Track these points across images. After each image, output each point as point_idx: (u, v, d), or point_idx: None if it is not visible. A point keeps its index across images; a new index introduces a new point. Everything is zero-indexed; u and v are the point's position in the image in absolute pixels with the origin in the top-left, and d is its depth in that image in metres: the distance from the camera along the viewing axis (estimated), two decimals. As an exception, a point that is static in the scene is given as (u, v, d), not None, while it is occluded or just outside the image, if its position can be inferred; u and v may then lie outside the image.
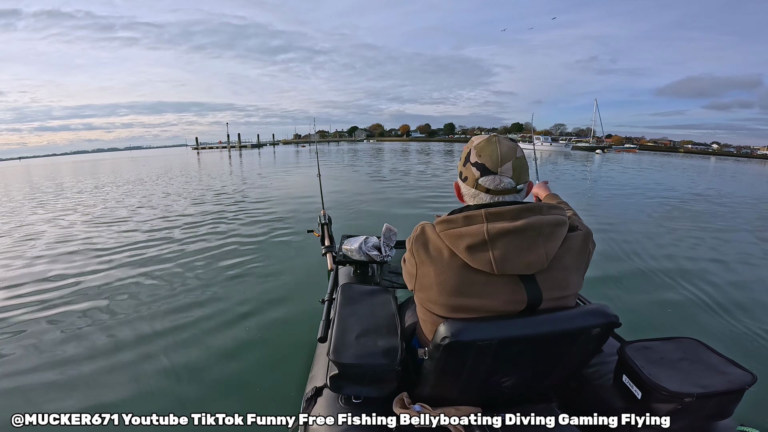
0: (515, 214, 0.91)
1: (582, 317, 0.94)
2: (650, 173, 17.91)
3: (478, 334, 0.89)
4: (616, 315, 0.96)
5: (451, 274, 0.92)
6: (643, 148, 75.01)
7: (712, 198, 9.92)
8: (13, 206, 9.62)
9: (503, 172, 0.95)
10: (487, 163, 0.95)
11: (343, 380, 1.12)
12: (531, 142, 39.04)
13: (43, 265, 4.40)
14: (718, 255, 4.70)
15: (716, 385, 0.99)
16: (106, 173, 21.44)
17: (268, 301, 3.24)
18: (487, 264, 0.88)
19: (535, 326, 0.92)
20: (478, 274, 0.91)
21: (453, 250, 0.92)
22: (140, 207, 8.41)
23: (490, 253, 0.88)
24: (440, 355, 0.93)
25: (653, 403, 1.03)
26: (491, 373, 1.01)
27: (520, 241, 0.88)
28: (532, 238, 0.88)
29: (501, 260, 0.88)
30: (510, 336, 0.91)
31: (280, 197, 9.00)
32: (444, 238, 0.94)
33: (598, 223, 6.18)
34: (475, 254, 0.89)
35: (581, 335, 0.96)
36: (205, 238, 5.41)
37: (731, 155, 70.00)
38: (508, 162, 0.95)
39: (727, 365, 1.06)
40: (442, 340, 0.89)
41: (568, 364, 1.08)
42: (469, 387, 1.06)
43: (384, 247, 1.97)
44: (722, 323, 2.94)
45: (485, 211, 0.92)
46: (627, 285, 3.62)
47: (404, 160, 23.76)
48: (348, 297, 1.42)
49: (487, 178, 0.96)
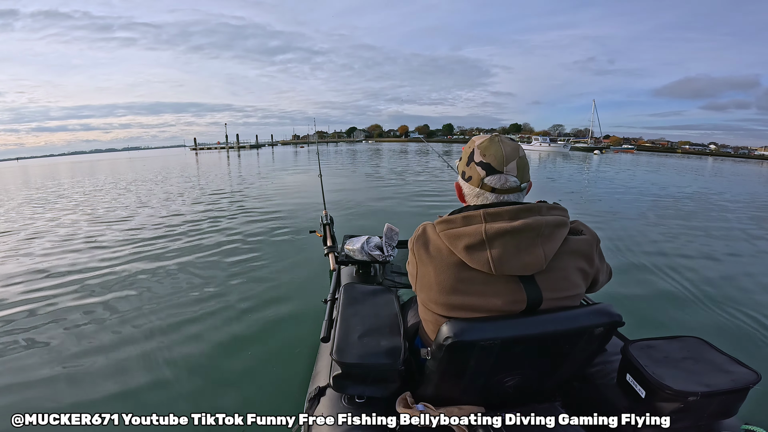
0: (514, 215, 0.91)
1: (585, 317, 0.94)
2: (646, 174, 17.98)
3: (480, 334, 0.89)
4: (620, 314, 0.95)
5: (450, 273, 0.93)
6: (640, 149, 75.28)
7: (713, 197, 9.97)
8: (13, 206, 9.57)
9: (509, 171, 0.95)
10: (492, 162, 0.95)
11: (346, 380, 1.12)
12: (530, 142, 39.05)
13: (43, 264, 4.39)
14: (723, 253, 4.72)
15: (721, 384, 0.99)
16: (105, 174, 21.41)
17: (270, 301, 3.24)
18: (485, 264, 0.88)
19: (537, 326, 0.92)
20: (477, 273, 0.91)
21: (452, 249, 0.92)
22: (140, 207, 8.40)
23: (488, 253, 0.88)
24: (443, 355, 0.93)
25: (657, 402, 1.02)
26: (494, 372, 1.01)
27: (518, 241, 0.88)
28: (531, 238, 0.88)
29: (499, 260, 0.87)
30: (513, 336, 0.91)
31: (281, 197, 8.99)
32: (443, 238, 0.94)
33: (600, 221, 6.21)
34: (473, 254, 0.89)
35: (584, 335, 0.95)
36: (205, 238, 5.39)
37: (729, 156, 70.32)
38: (513, 161, 0.95)
39: (732, 364, 1.06)
40: (444, 340, 0.89)
41: (571, 364, 1.07)
42: (472, 387, 1.06)
43: (386, 246, 1.97)
44: (726, 322, 2.94)
45: (484, 212, 0.92)
46: (630, 283, 3.62)
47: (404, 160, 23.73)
48: (351, 297, 1.41)
49: (493, 177, 0.95)
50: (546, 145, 47.76)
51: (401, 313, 1.33)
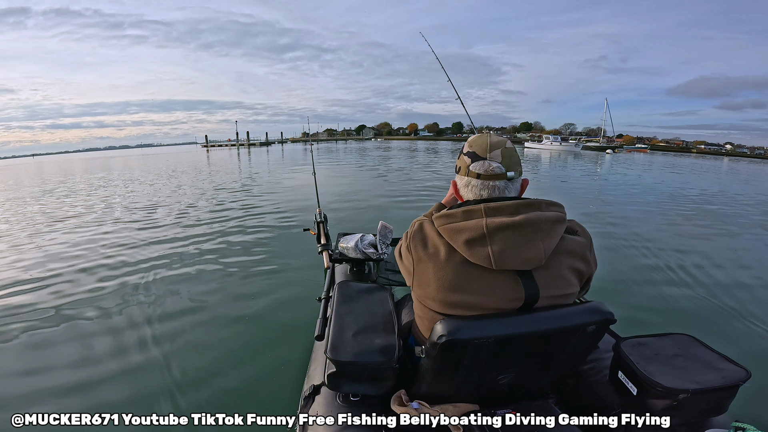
0: (514, 210, 0.92)
1: (577, 315, 0.95)
2: (661, 174, 17.69)
3: (474, 332, 0.90)
4: (611, 312, 0.96)
5: (450, 270, 0.93)
6: (654, 149, 73.77)
7: (713, 197, 9.83)
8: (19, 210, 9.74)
9: (492, 158, 0.98)
10: (477, 150, 1.01)
11: (340, 378, 1.12)
12: (540, 141, 38.52)
13: (43, 263, 4.44)
14: (714, 252, 4.71)
15: (711, 381, 1.01)
16: (120, 170, 21.65)
17: (264, 299, 3.23)
18: (486, 259, 0.89)
19: (530, 324, 0.93)
20: (476, 269, 0.91)
21: (452, 245, 0.93)
22: (136, 204, 8.49)
23: (489, 248, 0.89)
24: (437, 353, 0.94)
25: (649, 399, 1.04)
26: (488, 371, 1.03)
27: (518, 236, 0.89)
28: (531, 233, 0.89)
29: (500, 255, 0.88)
30: (507, 334, 0.92)
31: (277, 196, 8.93)
32: (443, 233, 0.94)
33: (600, 223, 6.16)
34: (474, 249, 0.90)
35: (576, 332, 0.97)
36: (199, 235, 5.38)
37: (745, 156, 68.62)
38: (497, 149, 0.99)
39: (722, 361, 1.07)
40: (438, 338, 0.90)
41: (564, 362, 1.09)
42: (466, 384, 1.07)
43: (380, 244, 1.96)
44: (716, 319, 2.96)
45: (485, 206, 0.93)
46: (622, 280, 3.64)
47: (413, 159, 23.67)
48: (345, 295, 1.42)
49: (477, 163, 0.99)
50: (557, 144, 47.16)
51: (395, 311, 1.33)
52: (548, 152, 38.56)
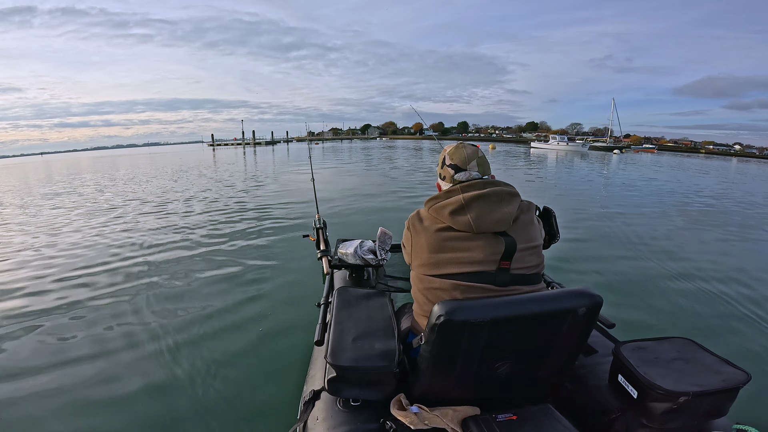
0: (482, 186, 1.17)
1: (568, 298, 1.03)
2: (646, 172, 17.52)
3: (471, 314, 0.97)
4: (599, 295, 1.04)
5: (438, 235, 1.14)
6: (662, 149, 72.99)
7: (712, 198, 9.75)
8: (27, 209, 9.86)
9: (471, 168, 1.24)
10: (458, 163, 1.25)
11: (340, 383, 1.14)
12: (547, 141, 38.19)
13: (41, 264, 4.49)
14: (713, 254, 4.69)
15: (711, 384, 1.01)
16: (127, 168, 21.83)
17: (263, 305, 3.21)
18: (467, 224, 1.10)
19: (524, 306, 1.01)
20: (461, 234, 1.12)
21: (439, 218, 1.16)
22: (131, 200, 8.60)
23: (468, 216, 1.10)
24: (436, 337, 0.99)
25: (649, 403, 1.05)
26: (485, 357, 1.05)
27: (488, 203, 1.12)
28: (496, 202, 1.13)
29: (477, 220, 1.10)
30: (501, 315, 0.98)
31: (279, 199, 8.73)
32: (432, 212, 1.18)
33: (600, 224, 6.12)
34: (457, 217, 1.12)
35: (569, 315, 1.02)
36: (198, 240, 5.33)
37: (754, 156, 67.72)
38: (474, 160, 1.25)
39: (722, 364, 1.08)
40: (437, 319, 0.97)
41: (560, 350, 1.10)
42: (465, 375, 1.09)
43: (379, 250, 1.95)
44: (715, 321, 2.94)
45: (460, 185, 1.19)
46: (620, 284, 3.64)
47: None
48: (344, 300, 1.44)
49: (460, 174, 1.24)
50: (564, 144, 46.68)
51: (395, 317, 1.35)
52: (555, 152, 38.26)
